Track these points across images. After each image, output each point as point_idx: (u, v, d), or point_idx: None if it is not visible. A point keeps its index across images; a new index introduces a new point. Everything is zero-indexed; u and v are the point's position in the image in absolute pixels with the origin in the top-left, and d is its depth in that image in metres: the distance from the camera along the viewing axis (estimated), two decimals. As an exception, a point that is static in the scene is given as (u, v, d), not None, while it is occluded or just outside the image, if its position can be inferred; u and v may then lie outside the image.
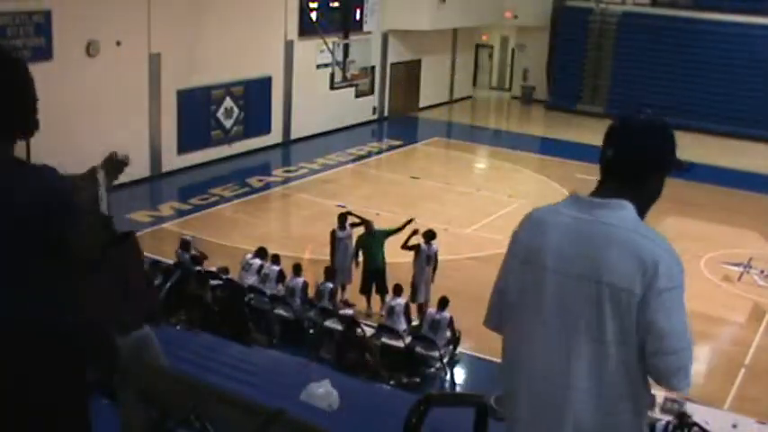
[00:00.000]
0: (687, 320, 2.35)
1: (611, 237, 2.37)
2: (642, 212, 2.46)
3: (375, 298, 13.32)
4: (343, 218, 13.86)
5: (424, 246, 13.06)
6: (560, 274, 2.42)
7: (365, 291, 13.34)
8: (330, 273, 12.64)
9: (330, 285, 12.33)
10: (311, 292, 12.46)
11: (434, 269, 13.13)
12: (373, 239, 13.33)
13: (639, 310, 2.30)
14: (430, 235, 13.15)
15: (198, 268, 12.45)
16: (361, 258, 13.44)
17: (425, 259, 13.01)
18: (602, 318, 2.34)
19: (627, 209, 2.41)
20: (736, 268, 15.74)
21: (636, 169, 2.47)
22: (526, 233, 2.55)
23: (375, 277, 13.25)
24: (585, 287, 2.36)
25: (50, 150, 17.53)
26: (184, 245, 13.33)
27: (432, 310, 11.77)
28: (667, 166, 2.55)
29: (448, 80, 31.45)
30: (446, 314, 11.50)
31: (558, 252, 2.43)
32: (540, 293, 2.48)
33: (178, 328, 9.23)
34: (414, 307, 12.52)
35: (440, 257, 13.40)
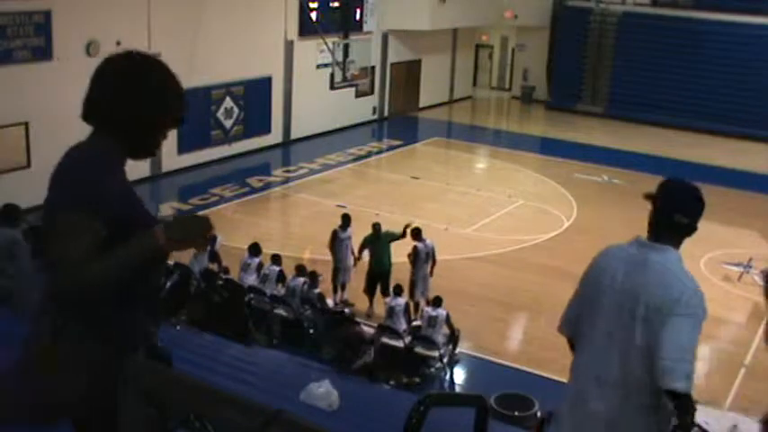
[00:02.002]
0: (695, 343, 3.14)
1: (654, 270, 3.20)
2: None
3: (377, 299, 13.34)
4: (346, 218, 13.86)
5: (420, 245, 13.07)
6: (613, 292, 3.24)
7: (369, 291, 13.34)
8: (300, 269, 12.58)
9: (301, 280, 12.28)
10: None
11: (433, 264, 13.15)
12: (379, 241, 13.34)
13: (660, 326, 3.09)
14: (419, 233, 13.16)
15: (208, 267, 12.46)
16: (366, 258, 13.45)
17: (424, 257, 13.03)
18: (636, 328, 3.14)
19: (671, 252, 3.29)
20: (736, 268, 15.73)
21: (683, 230, 3.35)
22: (599, 262, 3.41)
23: (380, 279, 13.26)
24: (627, 303, 3.18)
25: (50, 150, 17.51)
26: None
27: (428, 308, 11.79)
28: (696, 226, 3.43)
29: (448, 80, 31.46)
30: (442, 311, 11.51)
31: (612, 276, 3.27)
32: (597, 307, 3.29)
33: (178, 328, 9.22)
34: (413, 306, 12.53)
35: (440, 257, 13.41)
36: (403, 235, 13.36)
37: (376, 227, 13.48)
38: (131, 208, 2.58)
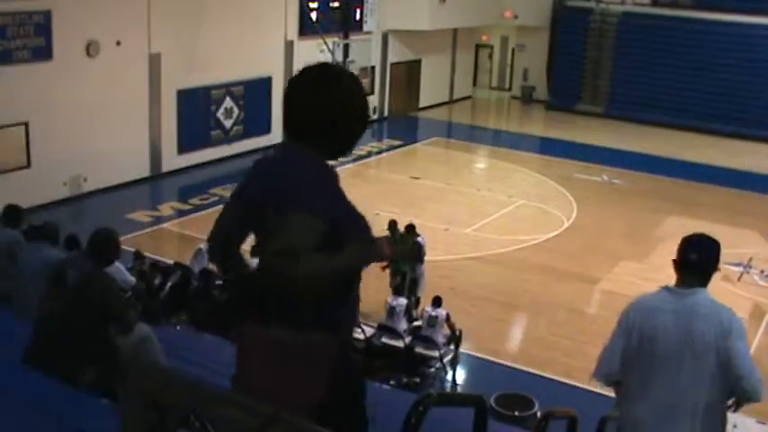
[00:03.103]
0: (752, 358, 3.70)
1: (698, 313, 3.74)
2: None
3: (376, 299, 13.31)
4: None
5: (421, 239, 13.03)
6: (669, 341, 3.71)
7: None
8: None
9: None
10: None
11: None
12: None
13: (721, 356, 3.63)
14: (413, 229, 13.09)
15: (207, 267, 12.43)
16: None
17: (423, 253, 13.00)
18: (700, 365, 3.67)
19: (702, 292, 3.87)
20: (736, 268, 15.72)
21: (709, 271, 3.92)
22: (638, 315, 3.81)
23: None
24: (687, 347, 3.67)
25: (51, 150, 17.68)
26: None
27: (428, 308, 11.78)
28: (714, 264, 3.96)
29: (448, 80, 31.47)
30: (442, 311, 11.50)
31: (663, 329, 3.72)
32: (653, 355, 3.74)
33: (178, 328, 9.22)
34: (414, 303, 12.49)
35: (440, 257, 13.41)
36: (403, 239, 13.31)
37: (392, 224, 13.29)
38: (351, 212, 2.83)
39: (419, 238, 13.09)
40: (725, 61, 27.47)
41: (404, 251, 2.65)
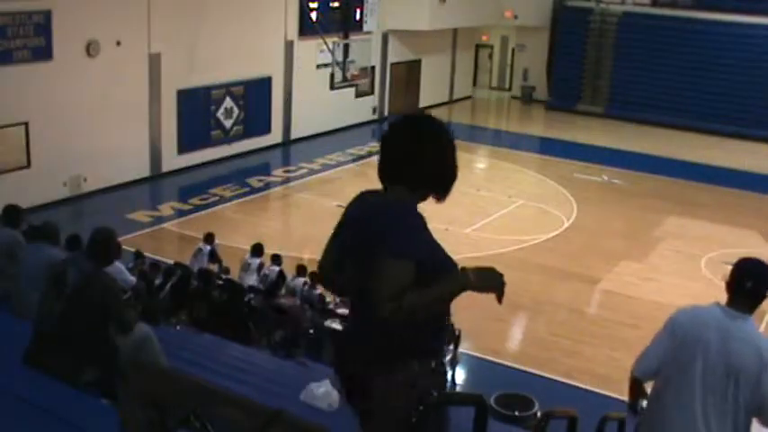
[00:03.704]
0: None
1: (743, 340, 3.86)
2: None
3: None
4: None
5: None
6: (707, 358, 3.88)
7: None
8: (300, 269, 12.58)
9: (301, 280, 12.28)
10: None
11: None
12: None
13: (756, 384, 3.79)
14: None
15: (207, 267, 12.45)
16: None
17: None
18: (733, 390, 3.82)
19: (750, 321, 3.95)
20: (736, 268, 15.72)
21: (760, 299, 3.98)
22: (687, 324, 4.00)
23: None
24: (723, 368, 3.85)
25: (51, 150, 17.68)
26: (208, 238, 13.22)
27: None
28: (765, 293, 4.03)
29: (448, 80, 31.47)
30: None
31: (705, 344, 3.88)
32: (690, 370, 3.90)
33: (178, 328, 9.22)
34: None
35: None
36: None
37: None
38: (436, 253, 2.99)
39: None
40: (725, 61, 27.47)
41: (488, 280, 2.85)
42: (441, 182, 3.10)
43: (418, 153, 2.96)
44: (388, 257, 2.79)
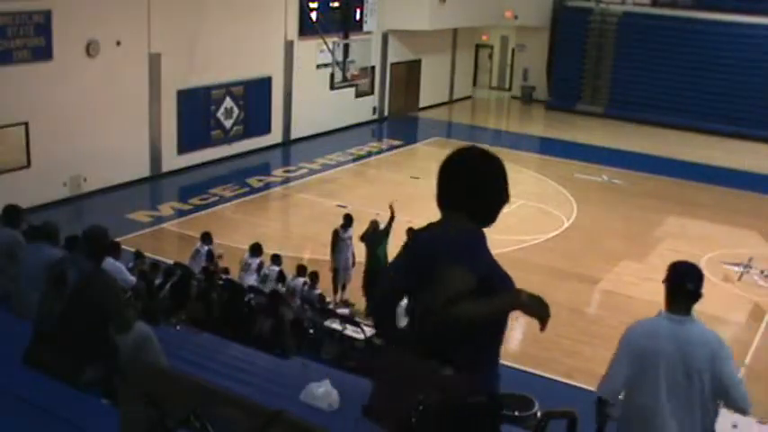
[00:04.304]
0: (738, 375, 4.36)
1: (694, 340, 4.26)
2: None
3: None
4: (348, 218, 13.85)
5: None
6: (669, 363, 4.21)
7: (367, 290, 13.34)
8: (301, 269, 12.58)
9: (301, 280, 12.28)
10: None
11: None
12: (376, 237, 13.31)
13: (715, 376, 4.19)
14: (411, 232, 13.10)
15: (206, 266, 12.44)
16: (360, 258, 13.45)
17: None
18: (697, 382, 4.21)
19: (697, 322, 4.35)
20: (736, 268, 15.73)
21: (698, 298, 4.35)
22: (641, 339, 4.31)
23: (377, 277, 13.23)
24: (681, 370, 4.21)
25: (51, 150, 17.67)
26: (206, 238, 13.22)
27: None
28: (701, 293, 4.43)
29: (448, 80, 31.47)
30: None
31: (664, 353, 4.22)
32: (654, 377, 4.22)
33: (178, 328, 9.21)
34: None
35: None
36: (391, 220, 13.36)
37: (374, 223, 13.46)
38: (497, 271, 3.24)
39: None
40: (725, 61, 27.47)
41: (537, 304, 3.05)
42: (497, 211, 3.32)
43: (480, 188, 3.24)
44: (449, 266, 3.01)
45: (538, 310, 3.01)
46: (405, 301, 10.32)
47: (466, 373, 3.08)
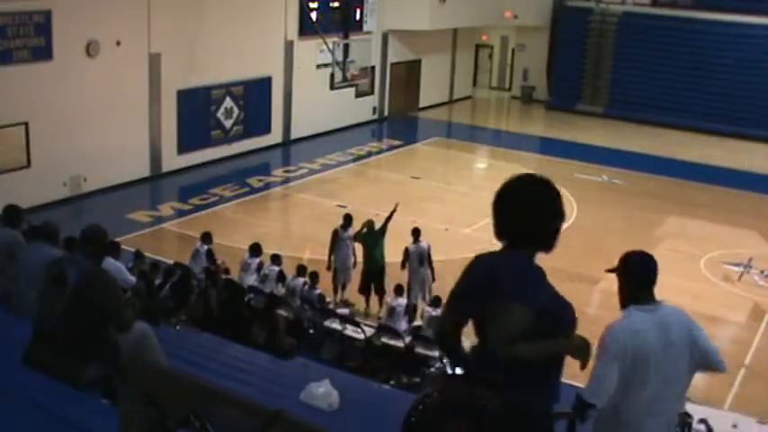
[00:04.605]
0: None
1: (673, 324, 4.28)
2: None
3: (374, 298, 13.34)
4: (348, 218, 13.85)
5: (411, 246, 13.05)
6: (658, 354, 4.19)
7: (364, 291, 13.34)
8: (300, 269, 12.59)
9: (301, 280, 12.29)
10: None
11: (431, 268, 13.06)
12: (371, 237, 13.31)
13: (698, 350, 4.31)
14: (416, 233, 13.12)
15: (207, 266, 12.44)
16: (360, 258, 13.44)
17: (416, 259, 12.98)
18: (688, 363, 4.32)
19: (666, 304, 4.35)
20: (736, 268, 15.73)
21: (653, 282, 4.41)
22: (628, 338, 4.20)
23: (374, 277, 13.24)
24: (670, 355, 4.22)
25: (51, 150, 17.67)
26: (205, 238, 13.21)
27: (428, 308, 11.78)
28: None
29: (448, 80, 31.47)
30: (441, 311, 11.49)
31: (651, 345, 4.19)
32: (645, 369, 4.18)
33: (178, 328, 9.22)
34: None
35: (441, 257, 13.38)
36: (389, 218, 13.36)
37: (369, 223, 13.45)
38: (554, 304, 3.31)
39: (412, 245, 13.09)
40: (725, 61, 27.47)
41: (582, 352, 3.43)
42: (555, 237, 3.43)
43: (539, 223, 3.35)
44: (508, 303, 3.19)
45: (581, 356, 3.38)
46: (404, 301, 10.28)
47: (527, 395, 3.31)
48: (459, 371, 3.47)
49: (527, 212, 3.34)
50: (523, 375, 3.27)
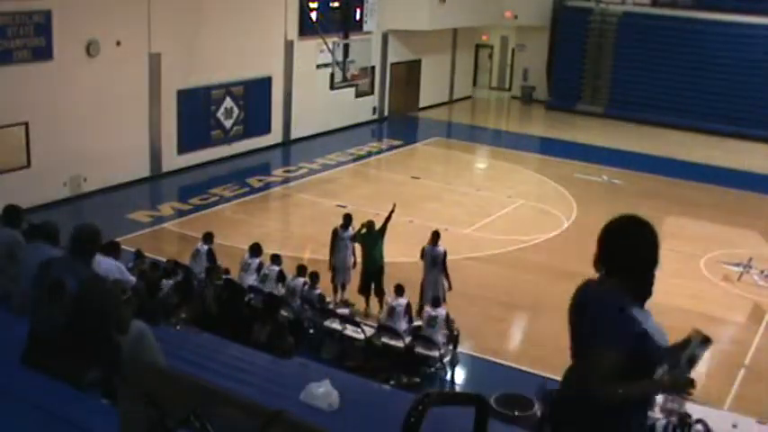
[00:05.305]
0: None
1: None
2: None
3: (374, 298, 13.34)
4: (348, 218, 13.85)
5: (427, 247, 13.03)
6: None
7: (364, 291, 13.34)
8: (301, 269, 12.59)
9: (301, 281, 12.29)
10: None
11: (445, 272, 12.95)
12: (371, 237, 13.30)
13: None
14: (435, 236, 13.11)
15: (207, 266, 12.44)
16: (359, 258, 13.44)
17: (430, 261, 12.95)
18: None
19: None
20: (736, 268, 15.73)
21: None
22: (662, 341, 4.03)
23: (373, 277, 13.23)
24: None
25: (50, 150, 17.67)
26: (207, 237, 13.21)
27: (428, 308, 11.77)
28: None
29: (448, 80, 31.47)
30: (442, 311, 11.49)
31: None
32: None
33: (178, 328, 9.22)
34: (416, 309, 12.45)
35: (440, 257, 13.36)
36: (388, 218, 13.36)
37: (368, 223, 13.43)
38: (647, 341, 3.41)
39: (439, 247, 13.02)
40: (725, 61, 27.48)
41: (678, 388, 3.57)
42: (650, 283, 3.51)
43: (638, 264, 3.48)
44: (600, 346, 3.36)
45: (679, 390, 3.53)
46: (404, 301, 10.27)
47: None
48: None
49: (628, 258, 3.54)
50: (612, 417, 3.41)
